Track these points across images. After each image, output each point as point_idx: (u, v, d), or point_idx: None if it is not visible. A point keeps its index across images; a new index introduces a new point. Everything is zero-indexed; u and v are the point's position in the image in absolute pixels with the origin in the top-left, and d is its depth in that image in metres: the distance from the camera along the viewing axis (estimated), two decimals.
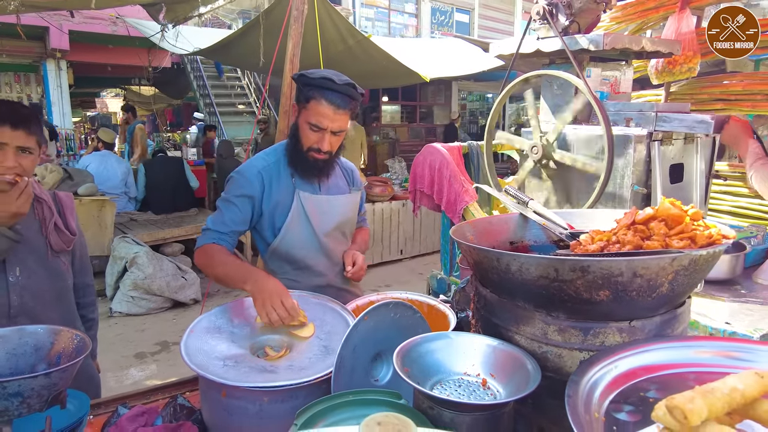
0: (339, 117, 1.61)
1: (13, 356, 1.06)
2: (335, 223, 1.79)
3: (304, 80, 1.62)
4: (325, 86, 1.58)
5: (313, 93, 1.59)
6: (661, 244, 0.98)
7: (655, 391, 0.83)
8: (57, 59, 8.98)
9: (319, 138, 1.63)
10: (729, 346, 0.91)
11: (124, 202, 6.30)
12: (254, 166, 1.71)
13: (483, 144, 2.96)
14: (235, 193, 1.68)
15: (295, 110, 1.68)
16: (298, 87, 1.67)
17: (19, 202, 1.39)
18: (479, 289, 1.16)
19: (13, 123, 1.41)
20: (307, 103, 1.61)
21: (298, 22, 3.49)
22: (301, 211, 1.71)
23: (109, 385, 3.53)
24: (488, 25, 16.33)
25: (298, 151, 1.68)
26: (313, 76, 1.60)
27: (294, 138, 1.70)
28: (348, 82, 1.62)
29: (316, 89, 1.59)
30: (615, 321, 0.95)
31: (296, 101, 1.67)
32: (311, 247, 1.76)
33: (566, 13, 2.48)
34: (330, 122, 1.61)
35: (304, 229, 1.73)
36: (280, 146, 1.79)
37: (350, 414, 0.93)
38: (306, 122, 1.63)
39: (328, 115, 1.59)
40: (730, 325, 1.66)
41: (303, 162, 1.69)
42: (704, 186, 2.63)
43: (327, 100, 1.58)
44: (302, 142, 1.66)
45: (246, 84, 12.34)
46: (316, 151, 1.66)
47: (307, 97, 1.60)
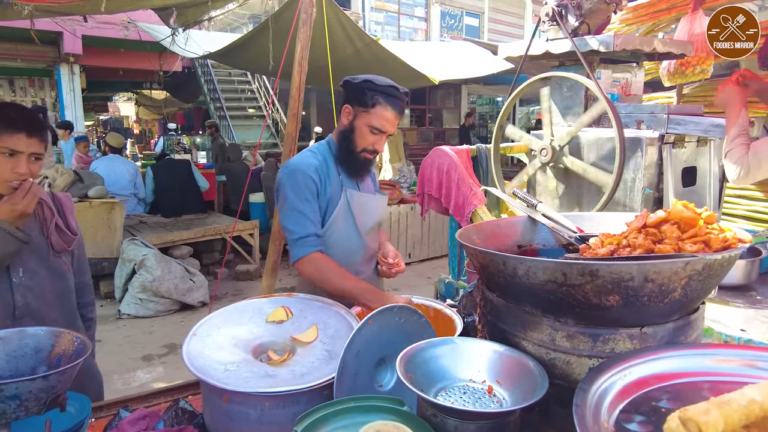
0: (396, 122, 1.75)
1: (13, 358, 1.05)
2: (374, 221, 1.89)
3: (370, 86, 1.69)
4: (391, 93, 1.70)
5: (380, 99, 1.69)
6: (673, 247, 0.95)
7: (667, 401, 0.80)
8: (70, 63, 9.10)
9: (377, 140, 1.74)
10: (746, 354, 0.87)
11: (133, 204, 6.35)
12: (310, 164, 1.75)
13: (491, 147, 2.94)
14: (308, 192, 1.71)
15: (349, 113, 1.75)
16: (356, 91, 1.72)
17: (26, 201, 1.41)
18: (486, 294, 1.14)
19: (29, 131, 1.42)
20: (372, 108, 1.70)
21: (306, 25, 3.49)
22: (347, 208, 1.79)
23: (116, 387, 3.54)
24: (498, 29, 16.29)
25: (350, 151, 1.76)
26: (379, 82, 1.70)
27: (347, 139, 1.76)
28: (405, 90, 1.75)
29: (382, 95, 1.69)
30: (625, 327, 0.92)
31: (352, 104, 1.73)
32: (353, 244, 1.83)
33: (576, 14, 2.45)
34: (391, 127, 1.73)
35: (348, 226, 1.81)
36: (321, 146, 1.85)
37: (351, 420, 0.91)
38: (367, 125, 1.71)
39: (390, 120, 1.71)
40: (746, 332, 1.61)
41: (354, 162, 1.78)
42: (718, 190, 2.58)
43: (392, 106, 1.70)
44: (356, 143, 1.75)
45: (256, 88, 12.40)
46: (370, 152, 1.77)
47: (373, 102, 1.69)
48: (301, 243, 1.67)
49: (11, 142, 1.40)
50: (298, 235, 1.68)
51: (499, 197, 2.19)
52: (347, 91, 1.76)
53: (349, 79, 1.76)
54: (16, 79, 9.50)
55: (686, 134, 2.31)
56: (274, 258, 3.64)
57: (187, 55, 7.80)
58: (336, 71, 4.72)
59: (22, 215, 1.41)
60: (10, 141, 1.40)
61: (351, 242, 1.83)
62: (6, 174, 1.41)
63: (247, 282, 6.02)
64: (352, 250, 1.84)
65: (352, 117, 1.74)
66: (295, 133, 3.56)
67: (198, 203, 6.73)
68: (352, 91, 1.74)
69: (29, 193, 1.42)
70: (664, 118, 2.31)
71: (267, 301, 1.44)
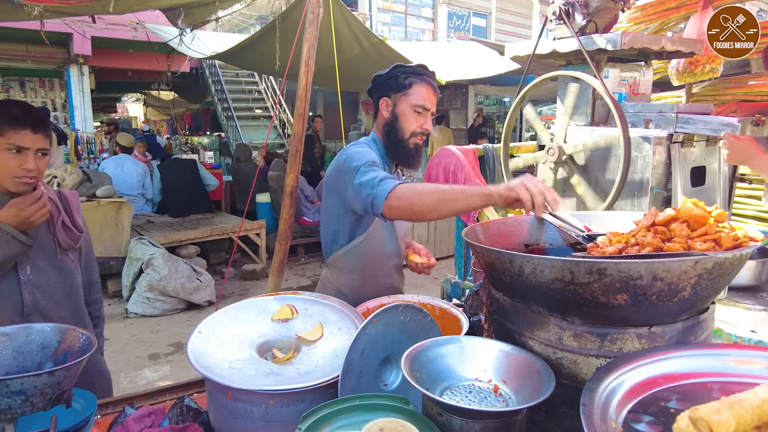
0: (434, 99, 1.77)
1: (19, 354, 1.06)
2: (406, 225, 1.92)
3: (401, 70, 1.75)
4: (422, 72, 1.76)
5: (414, 78, 1.73)
6: (683, 246, 0.93)
7: (676, 401, 0.79)
8: (79, 64, 9.17)
9: (424, 120, 1.75)
10: (757, 354, 0.86)
11: (141, 204, 6.39)
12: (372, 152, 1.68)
13: (499, 146, 2.92)
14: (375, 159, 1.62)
15: (388, 104, 1.76)
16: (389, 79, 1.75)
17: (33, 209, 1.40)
18: (492, 293, 1.13)
19: (34, 126, 1.43)
20: (409, 89, 1.73)
21: (313, 25, 3.49)
22: None
23: (123, 385, 3.56)
24: (505, 29, 16.24)
25: (399, 140, 1.76)
26: (408, 66, 1.78)
27: (393, 129, 1.76)
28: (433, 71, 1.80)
29: (415, 75, 1.74)
30: (634, 327, 0.91)
31: (388, 94, 1.76)
32: (388, 249, 1.84)
33: (583, 12, 2.43)
34: (431, 104, 1.75)
35: (387, 231, 1.82)
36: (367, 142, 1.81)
37: (356, 419, 0.90)
38: (410, 106, 1.73)
39: (429, 96, 1.75)
40: (756, 333, 1.59)
41: (405, 149, 1.77)
42: (728, 190, 2.55)
43: (427, 83, 1.75)
44: (404, 129, 1.75)
45: (263, 88, 12.44)
46: (419, 135, 1.76)
47: (409, 83, 1.73)
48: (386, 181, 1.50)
49: (17, 138, 1.40)
50: (380, 176, 1.51)
51: None
52: (379, 85, 1.78)
53: (378, 73, 1.79)
54: (26, 80, 9.59)
55: (695, 133, 2.28)
56: (280, 257, 3.64)
57: (194, 56, 7.83)
58: (343, 71, 4.73)
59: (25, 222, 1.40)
60: (16, 137, 1.40)
61: (387, 247, 1.84)
62: (14, 170, 1.42)
63: (253, 281, 6.04)
64: (386, 255, 1.85)
65: (392, 106, 1.76)
66: (302, 133, 3.56)
67: (205, 203, 6.76)
68: (385, 81, 1.76)
69: (39, 202, 1.41)
70: (672, 117, 2.29)
71: (272, 299, 1.43)
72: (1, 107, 1.44)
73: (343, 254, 1.81)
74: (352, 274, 1.82)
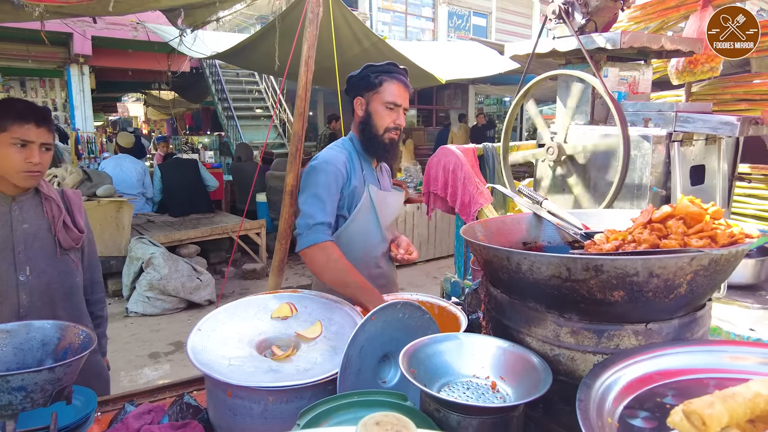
0: (406, 96, 1.83)
1: (20, 351, 1.06)
2: (393, 217, 1.96)
3: (371, 69, 1.81)
4: (392, 70, 1.81)
5: (383, 77, 1.79)
6: (679, 243, 0.94)
7: (672, 397, 0.79)
8: (80, 64, 9.18)
9: (396, 115, 1.81)
10: (753, 351, 0.86)
11: (141, 203, 6.39)
12: (338, 158, 1.80)
13: (499, 146, 2.92)
14: (332, 183, 1.76)
15: (362, 103, 1.83)
16: (361, 79, 1.81)
17: None
18: (490, 290, 1.13)
19: (37, 121, 1.45)
20: (380, 86, 1.79)
21: (313, 24, 3.48)
22: (370, 203, 1.85)
23: (123, 384, 3.57)
24: (505, 29, 16.23)
25: (373, 136, 1.82)
26: (379, 64, 1.83)
27: (367, 126, 1.82)
28: (404, 68, 1.85)
29: (385, 73, 1.79)
30: (630, 323, 0.91)
31: (361, 94, 1.82)
32: (374, 239, 1.89)
33: (582, 11, 2.43)
34: (402, 100, 1.81)
35: (370, 221, 1.87)
36: (344, 142, 1.90)
37: (354, 415, 0.91)
38: (381, 103, 1.79)
39: (400, 92, 1.80)
40: (755, 331, 1.59)
41: (380, 145, 1.83)
42: (727, 189, 2.55)
43: (397, 80, 1.80)
44: (377, 126, 1.81)
45: (263, 88, 12.45)
46: (393, 130, 1.82)
47: (379, 81, 1.78)
48: (317, 229, 1.68)
49: (21, 132, 1.42)
50: (315, 220, 1.68)
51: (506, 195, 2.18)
52: (353, 85, 1.84)
53: (351, 74, 1.85)
54: (27, 80, 9.60)
55: (694, 132, 2.28)
56: (280, 257, 3.64)
57: (194, 56, 7.84)
58: (343, 71, 4.72)
59: None
60: (21, 131, 1.42)
61: (372, 237, 1.89)
62: (19, 164, 1.44)
63: (253, 281, 6.05)
64: (372, 244, 1.89)
65: (365, 104, 1.82)
66: (302, 132, 3.56)
67: (205, 202, 6.77)
68: (358, 81, 1.82)
69: None
70: (672, 115, 2.29)
71: (272, 297, 1.44)
72: (5, 104, 1.46)
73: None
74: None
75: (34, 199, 1.56)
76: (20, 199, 1.53)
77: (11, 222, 1.50)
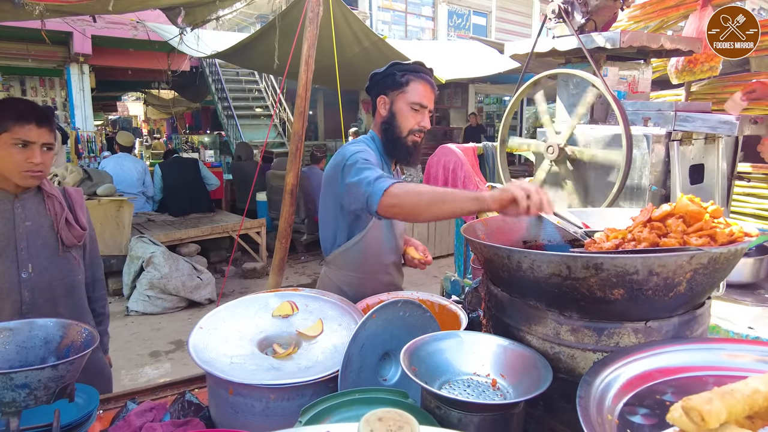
0: (432, 97, 1.75)
1: (23, 349, 1.07)
2: (406, 224, 1.92)
3: (398, 68, 1.74)
4: (419, 70, 1.74)
5: (411, 76, 1.72)
6: (678, 241, 0.94)
7: (671, 394, 0.80)
8: (80, 63, 9.17)
9: (421, 117, 1.74)
10: (752, 349, 0.87)
11: (141, 202, 6.40)
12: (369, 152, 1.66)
13: (497, 145, 2.92)
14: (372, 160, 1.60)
15: (385, 102, 1.75)
16: (386, 77, 1.74)
17: None
18: (490, 288, 1.14)
19: (38, 121, 1.46)
20: (406, 86, 1.72)
21: (313, 23, 3.49)
22: None
23: (123, 382, 3.57)
24: (505, 28, 16.23)
25: (397, 138, 1.75)
26: (405, 63, 1.77)
27: (390, 127, 1.75)
28: (430, 67, 1.78)
29: (412, 73, 1.73)
30: (630, 321, 0.92)
31: (386, 92, 1.75)
32: (387, 246, 1.85)
33: (582, 11, 2.44)
34: (429, 101, 1.74)
35: (386, 227, 1.83)
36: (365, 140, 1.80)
37: (355, 412, 0.92)
38: (407, 104, 1.72)
39: (427, 93, 1.73)
40: (753, 329, 1.60)
41: (403, 147, 1.76)
42: (726, 188, 2.56)
43: (424, 81, 1.73)
44: (401, 127, 1.73)
45: (263, 87, 12.45)
46: (417, 132, 1.75)
47: (406, 80, 1.72)
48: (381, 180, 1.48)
49: (23, 132, 1.43)
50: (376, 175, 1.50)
51: None
52: (377, 83, 1.77)
53: (375, 71, 1.78)
54: (27, 79, 9.59)
55: (694, 131, 2.29)
56: (280, 256, 3.65)
57: (194, 55, 7.84)
58: (343, 70, 4.73)
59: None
60: (22, 132, 1.43)
61: (385, 244, 1.85)
62: (21, 165, 1.45)
63: (254, 279, 6.05)
64: (385, 251, 1.86)
65: (389, 104, 1.75)
66: (302, 131, 3.57)
67: (205, 201, 6.77)
68: (383, 79, 1.75)
69: None
70: (671, 115, 2.29)
71: (273, 296, 1.45)
72: (6, 104, 1.47)
73: (341, 252, 1.82)
74: (352, 272, 1.83)
75: (36, 197, 1.57)
76: (23, 197, 1.54)
77: (14, 220, 1.50)
